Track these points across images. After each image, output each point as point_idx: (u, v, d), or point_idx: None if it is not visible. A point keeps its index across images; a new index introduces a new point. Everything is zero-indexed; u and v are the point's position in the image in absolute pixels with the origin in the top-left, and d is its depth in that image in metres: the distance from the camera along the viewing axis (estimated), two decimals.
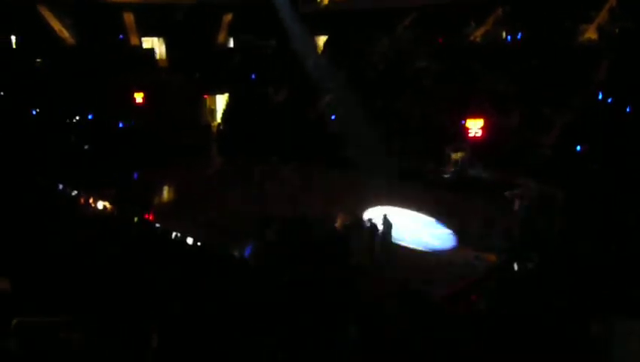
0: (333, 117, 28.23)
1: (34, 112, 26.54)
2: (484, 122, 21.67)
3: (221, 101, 32.62)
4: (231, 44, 35.24)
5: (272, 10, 30.48)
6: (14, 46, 30.13)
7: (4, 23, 28.41)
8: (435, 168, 22.17)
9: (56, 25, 30.29)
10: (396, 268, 14.29)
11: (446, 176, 21.67)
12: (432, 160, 22.51)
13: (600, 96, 22.64)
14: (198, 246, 13.82)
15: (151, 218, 17.63)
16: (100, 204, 17.12)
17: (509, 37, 29.22)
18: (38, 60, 29.44)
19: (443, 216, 18.03)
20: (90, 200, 17.22)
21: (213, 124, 32.32)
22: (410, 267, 14.44)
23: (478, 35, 29.64)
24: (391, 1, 31.88)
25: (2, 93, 25.08)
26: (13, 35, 29.94)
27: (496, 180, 19.87)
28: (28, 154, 21.42)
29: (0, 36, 28.99)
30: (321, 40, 34.67)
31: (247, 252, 13.95)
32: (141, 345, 5.95)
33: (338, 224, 15.84)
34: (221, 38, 34.16)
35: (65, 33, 30.48)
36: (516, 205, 16.60)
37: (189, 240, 14.05)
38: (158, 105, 28.82)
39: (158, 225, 16.15)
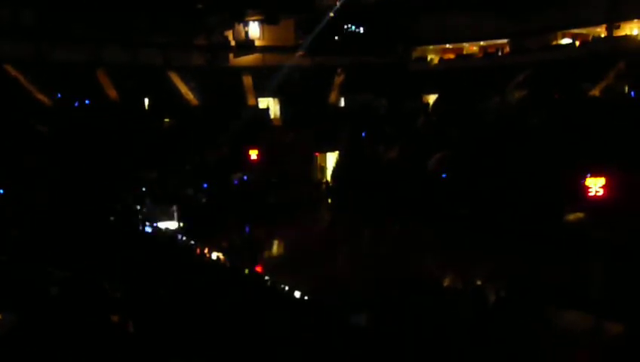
0: (444, 175, 27.79)
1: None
2: (607, 180, 20.39)
3: (331, 159, 33.36)
4: (342, 103, 36.26)
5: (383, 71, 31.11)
6: (147, 107, 33.08)
7: (139, 87, 31.47)
8: (550, 228, 20.89)
9: (182, 88, 33.01)
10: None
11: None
12: (547, 218, 21.32)
13: None
14: (305, 300, 13.89)
15: (260, 270, 18.07)
16: (215, 255, 17.86)
17: (632, 92, 27.63)
18: (166, 120, 32.03)
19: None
20: (206, 251, 18.03)
21: (323, 181, 33.01)
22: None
23: (597, 90, 28.31)
24: (504, 58, 31.53)
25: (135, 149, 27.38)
26: (146, 97, 32.92)
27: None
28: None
29: (135, 99, 32.00)
30: (431, 98, 34.76)
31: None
32: None
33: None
34: (333, 97, 35.31)
35: (190, 95, 33.09)
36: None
37: (297, 294, 14.18)
38: (272, 161, 30.10)
39: (267, 277, 16.50)
